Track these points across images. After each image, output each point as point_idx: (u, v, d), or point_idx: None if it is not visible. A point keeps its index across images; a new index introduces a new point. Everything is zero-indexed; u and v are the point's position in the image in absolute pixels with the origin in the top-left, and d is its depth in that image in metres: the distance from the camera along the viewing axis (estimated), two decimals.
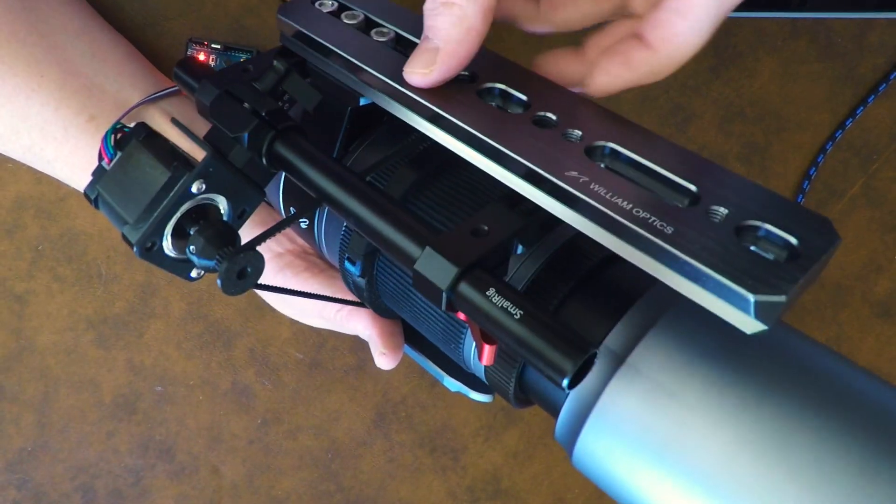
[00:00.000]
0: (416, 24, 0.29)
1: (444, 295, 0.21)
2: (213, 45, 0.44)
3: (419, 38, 0.27)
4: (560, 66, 0.27)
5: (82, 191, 0.39)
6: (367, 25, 0.29)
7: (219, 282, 0.25)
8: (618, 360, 0.22)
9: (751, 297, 0.18)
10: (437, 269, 0.21)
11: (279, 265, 0.39)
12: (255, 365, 0.47)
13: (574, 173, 0.22)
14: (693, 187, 0.21)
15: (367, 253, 0.29)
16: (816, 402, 0.19)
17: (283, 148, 0.26)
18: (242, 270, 0.25)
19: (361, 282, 0.31)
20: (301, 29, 0.29)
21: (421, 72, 0.25)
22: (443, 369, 0.34)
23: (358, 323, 0.36)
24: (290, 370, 0.47)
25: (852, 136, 0.47)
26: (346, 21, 0.29)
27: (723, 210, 0.20)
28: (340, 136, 0.31)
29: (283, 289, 0.33)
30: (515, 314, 0.20)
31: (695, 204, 0.21)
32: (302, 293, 0.33)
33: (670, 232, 0.20)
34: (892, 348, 0.47)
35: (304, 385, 0.47)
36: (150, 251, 0.26)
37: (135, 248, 0.26)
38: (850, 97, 0.47)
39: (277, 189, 0.34)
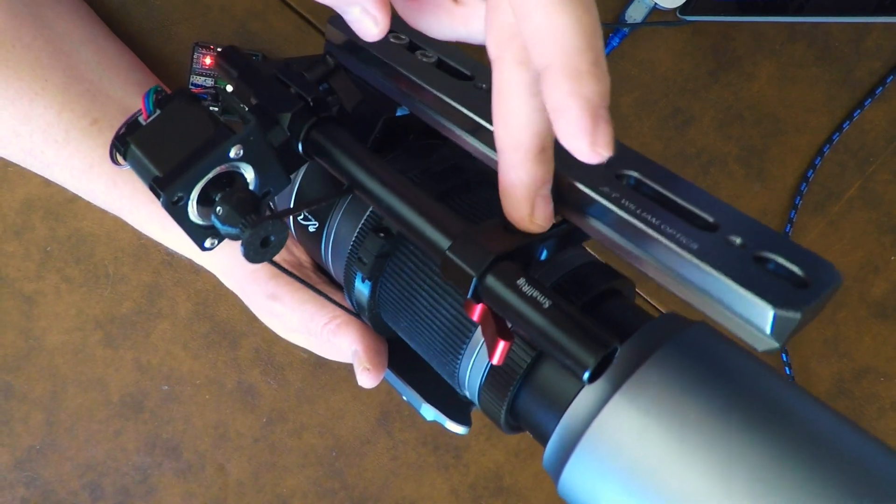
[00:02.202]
0: (458, 54, 0.30)
1: (474, 282, 0.22)
2: (219, 49, 0.45)
3: (462, 64, 0.29)
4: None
5: (83, 189, 0.40)
6: (412, 48, 0.30)
7: (241, 248, 0.25)
8: (609, 393, 0.22)
9: (771, 311, 0.19)
10: (470, 254, 0.22)
11: (273, 273, 0.39)
12: (261, 364, 0.47)
13: (606, 188, 0.23)
14: (711, 217, 0.22)
15: (379, 255, 0.30)
16: (807, 445, 0.20)
17: (322, 135, 0.27)
18: (266, 239, 0.25)
19: (365, 287, 0.31)
20: (351, 38, 0.30)
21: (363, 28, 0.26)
22: (422, 396, 0.34)
23: (346, 337, 0.36)
24: (295, 369, 0.48)
25: (849, 139, 0.48)
26: (392, 40, 0.30)
27: (739, 240, 0.21)
28: (371, 140, 0.31)
29: (292, 273, 0.33)
30: (544, 303, 0.21)
31: (713, 231, 0.22)
32: (302, 280, 0.34)
33: (695, 248, 0.21)
34: (888, 348, 0.48)
35: (309, 384, 0.48)
36: (176, 205, 0.26)
37: (162, 198, 0.26)
38: (848, 100, 0.48)
39: (290, 193, 0.35)
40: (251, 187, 0.28)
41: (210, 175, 0.26)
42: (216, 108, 0.45)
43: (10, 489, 0.47)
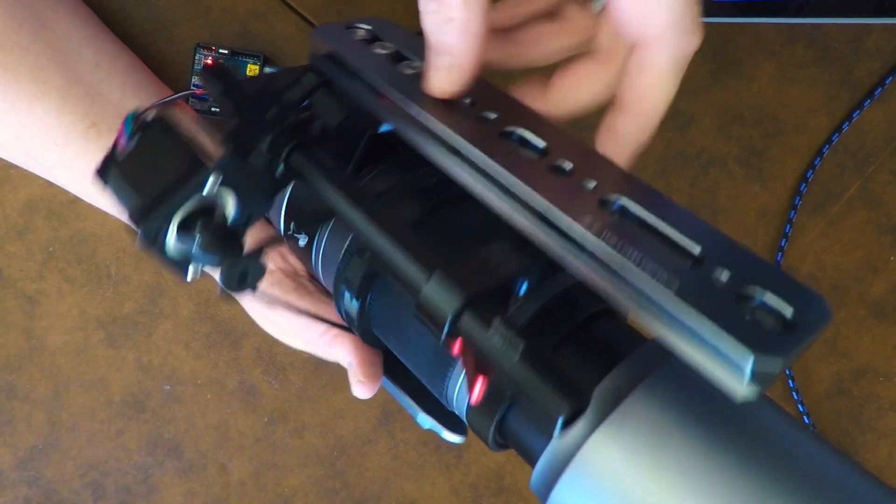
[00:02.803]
0: None
1: (448, 323, 0.21)
2: (220, 50, 0.45)
3: None
4: (531, 99, 0.28)
5: (84, 191, 0.40)
6: (398, 58, 0.30)
7: (219, 280, 0.25)
8: (598, 418, 0.22)
9: (750, 357, 0.18)
10: (444, 295, 0.22)
11: (269, 281, 0.39)
12: (262, 364, 0.48)
13: (588, 219, 0.22)
14: (697, 248, 0.22)
15: (365, 275, 0.30)
16: (795, 481, 0.20)
17: (303, 158, 0.27)
18: (244, 273, 0.25)
19: (354, 305, 0.31)
20: (334, 50, 0.29)
21: (442, 85, 0.26)
22: (419, 404, 0.34)
23: (340, 349, 0.36)
24: (297, 369, 0.48)
25: (849, 140, 0.48)
26: (377, 51, 0.29)
27: (725, 274, 0.21)
28: (355, 158, 0.31)
29: (279, 298, 0.33)
30: (518, 349, 0.20)
31: (698, 265, 0.21)
32: (294, 307, 0.34)
33: (676, 288, 0.20)
34: (887, 348, 0.48)
35: (310, 384, 0.48)
36: (154, 241, 0.26)
37: (139, 233, 0.26)
38: (847, 101, 0.48)
39: (280, 206, 0.35)
40: (232, 213, 0.28)
41: (188, 205, 0.26)
42: (217, 110, 0.45)
43: (12, 489, 0.47)
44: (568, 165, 0.24)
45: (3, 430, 0.47)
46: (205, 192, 0.26)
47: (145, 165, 0.26)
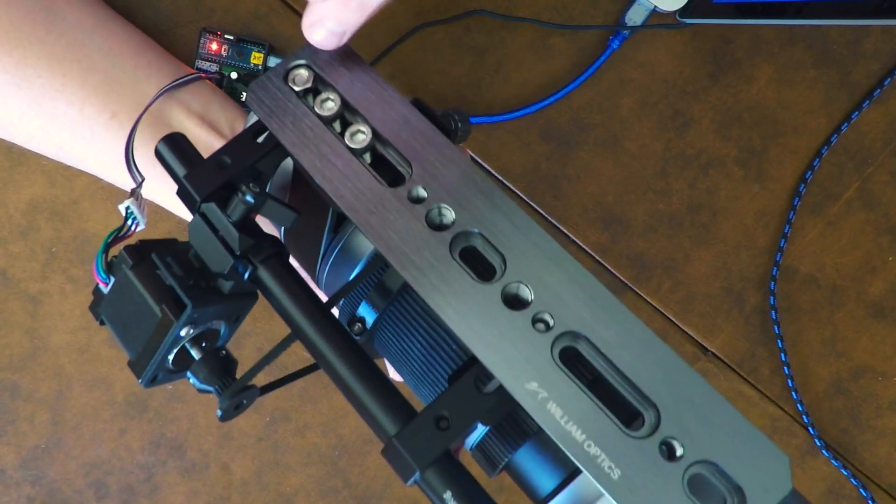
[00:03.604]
0: (400, 114, 0.26)
1: (409, 481, 0.22)
2: (226, 36, 0.45)
3: (402, 143, 0.25)
4: None
5: (120, 180, 0.40)
6: (345, 112, 0.27)
7: (219, 413, 0.26)
8: None
9: None
10: (401, 463, 0.22)
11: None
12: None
13: (534, 385, 0.21)
14: (653, 413, 0.20)
15: (387, 292, 0.29)
16: None
17: (266, 277, 0.26)
18: (240, 404, 0.26)
19: (369, 315, 0.30)
20: (264, 121, 0.27)
21: (325, 44, 0.27)
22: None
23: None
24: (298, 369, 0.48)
25: (847, 141, 0.48)
26: (318, 111, 0.27)
27: (678, 447, 0.20)
28: (327, 229, 0.30)
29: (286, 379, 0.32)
30: None
31: (652, 430, 0.20)
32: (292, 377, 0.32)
33: (616, 477, 0.19)
34: (886, 348, 0.48)
35: (312, 384, 0.48)
36: (154, 381, 0.27)
37: (141, 383, 0.27)
38: (846, 102, 0.48)
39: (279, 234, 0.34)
40: (222, 331, 0.28)
41: (175, 350, 0.27)
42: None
43: (16, 488, 0.47)
44: (526, 293, 0.23)
45: (7, 430, 0.47)
46: (183, 335, 0.26)
47: (126, 311, 0.26)
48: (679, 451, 0.20)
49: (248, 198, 0.25)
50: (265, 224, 0.38)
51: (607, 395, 0.21)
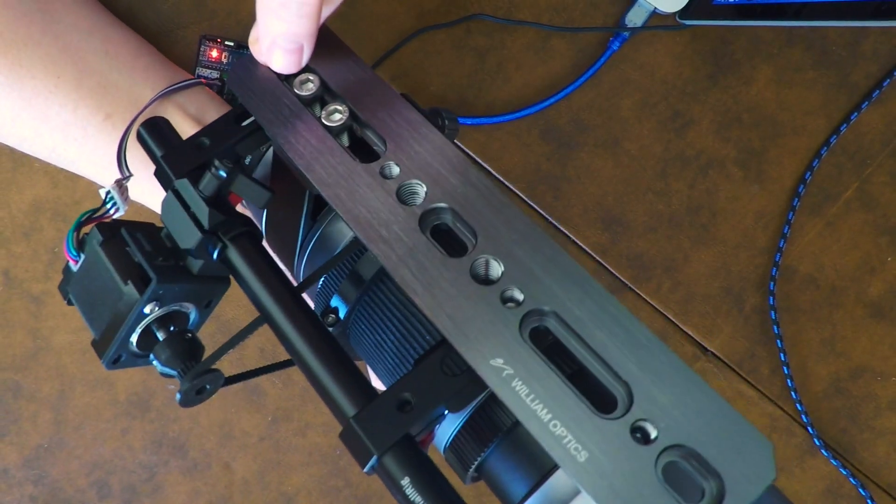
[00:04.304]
0: (380, 96, 0.26)
1: (367, 466, 0.21)
2: (226, 43, 0.46)
3: (378, 121, 0.25)
4: None
5: (110, 182, 0.41)
6: (323, 93, 0.27)
7: (178, 395, 0.25)
8: None
9: None
10: (358, 446, 0.21)
11: None
12: (266, 364, 0.48)
13: (500, 362, 0.20)
14: (625, 392, 0.19)
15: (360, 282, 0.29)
16: None
17: (235, 256, 0.25)
18: (202, 388, 0.25)
19: (341, 308, 0.30)
20: (243, 101, 0.27)
21: (286, 67, 0.27)
22: None
23: None
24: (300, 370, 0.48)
25: (846, 142, 0.48)
26: (297, 91, 0.27)
27: (651, 429, 0.18)
28: (303, 216, 0.30)
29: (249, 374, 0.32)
30: None
31: (624, 412, 0.19)
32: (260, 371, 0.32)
33: (583, 460, 0.18)
34: (884, 347, 0.48)
35: None
36: (118, 362, 0.27)
37: (103, 363, 0.26)
38: (845, 103, 0.48)
39: (261, 216, 0.34)
40: (191, 314, 0.27)
41: (139, 330, 0.26)
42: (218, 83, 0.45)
43: (18, 487, 0.48)
44: (496, 268, 0.22)
45: (10, 429, 0.47)
46: (147, 312, 0.25)
47: (93, 287, 0.26)
48: (652, 434, 0.18)
49: (221, 172, 0.25)
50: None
51: (580, 378, 0.20)
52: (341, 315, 0.29)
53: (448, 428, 0.26)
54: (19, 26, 0.37)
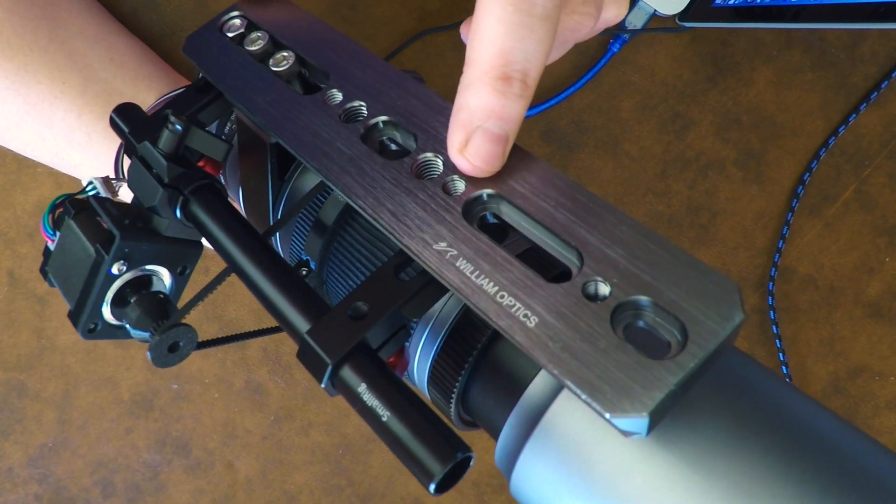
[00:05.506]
0: (324, 37, 0.27)
1: (325, 378, 0.21)
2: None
3: (322, 58, 0.26)
4: None
5: (90, 178, 0.41)
6: (273, 47, 0.28)
7: (149, 353, 0.25)
8: (542, 408, 0.20)
9: (607, 415, 0.16)
10: (313, 360, 0.20)
11: None
12: (269, 363, 0.48)
13: (443, 245, 0.20)
14: (576, 258, 0.19)
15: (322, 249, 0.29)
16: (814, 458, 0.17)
17: (198, 210, 0.26)
18: (174, 344, 0.25)
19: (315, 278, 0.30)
20: (200, 67, 0.28)
21: (491, 168, 0.21)
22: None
23: None
24: (302, 368, 0.48)
25: (845, 143, 0.49)
26: (247, 48, 0.28)
27: (603, 286, 0.18)
28: (269, 172, 0.30)
29: (226, 339, 0.31)
30: (383, 415, 0.19)
31: (578, 267, 0.18)
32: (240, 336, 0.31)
33: (533, 324, 0.18)
34: (883, 347, 0.49)
35: (316, 383, 0.48)
36: (95, 331, 0.27)
37: (79, 332, 0.26)
38: (843, 105, 0.49)
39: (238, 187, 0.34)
40: (165, 279, 0.28)
41: (110, 294, 0.26)
42: None
43: (23, 486, 0.48)
44: (436, 162, 0.22)
45: (14, 429, 0.48)
46: (116, 274, 0.26)
47: (67, 263, 0.26)
48: (605, 290, 0.18)
49: (177, 126, 0.26)
50: None
51: (532, 255, 0.20)
52: (313, 267, 0.30)
53: (425, 362, 0.26)
54: (26, 32, 0.38)
